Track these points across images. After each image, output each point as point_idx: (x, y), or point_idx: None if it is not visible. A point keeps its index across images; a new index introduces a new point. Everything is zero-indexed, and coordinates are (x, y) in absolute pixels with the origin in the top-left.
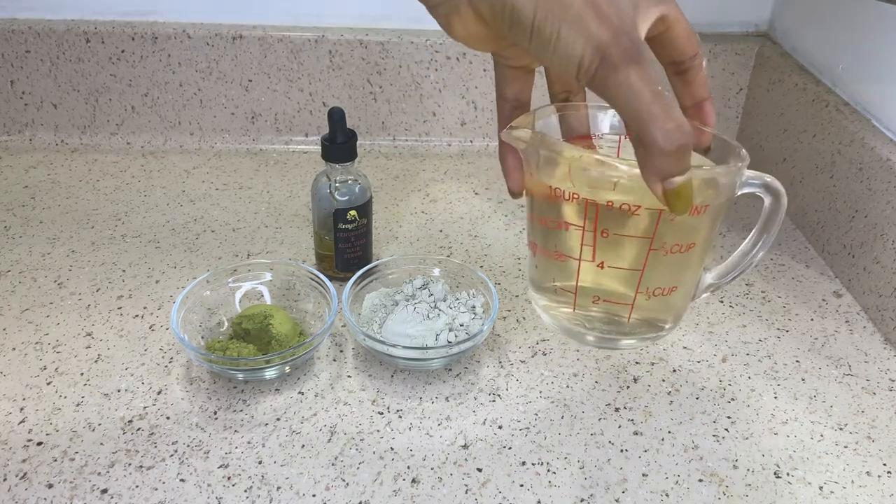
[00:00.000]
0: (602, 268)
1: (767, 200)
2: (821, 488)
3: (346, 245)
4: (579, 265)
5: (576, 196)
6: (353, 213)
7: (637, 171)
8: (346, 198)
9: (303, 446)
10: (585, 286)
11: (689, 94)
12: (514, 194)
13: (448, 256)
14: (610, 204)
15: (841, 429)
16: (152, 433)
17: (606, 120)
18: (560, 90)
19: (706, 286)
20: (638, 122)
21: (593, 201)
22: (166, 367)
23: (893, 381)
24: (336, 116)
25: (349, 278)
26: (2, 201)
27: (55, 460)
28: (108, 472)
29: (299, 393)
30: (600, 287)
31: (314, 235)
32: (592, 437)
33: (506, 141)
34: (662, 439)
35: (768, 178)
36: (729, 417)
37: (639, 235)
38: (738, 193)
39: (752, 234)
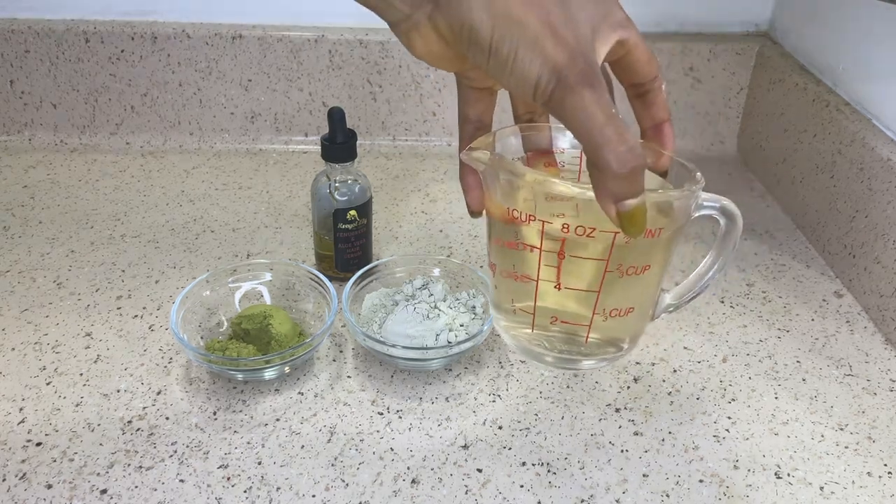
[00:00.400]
0: (559, 289)
1: (723, 222)
2: (821, 489)
3: (345, 245)
4: (537, 286)
5: (532, 218)
6: (352, 213)
7: (590, 191)
8: (346, 198)
9: (302, 447)
10: (543, 306)
11: (649, 115)
12: (474, 214)
13: (448, 256)
14: (566, 227)
15: (842, 429)
16: (152, 433)
17: (569, 137)
18: (524, 112)
19: (665, 306)
20: (591, 144)
21: (550, 223)
22: (166, 367)
23: (894, 381)
24: (336, 116)
25: (349, 278)
26: (1, 201)
27: (54, 461)
28: (107, 472)
29: (299, 393)
30: (558, 308)
31: (314, 235)
32: (593, 438)
33: (465, 162)
34: (663, 440)
35: (724, 201)
36: (729, 418)
37: (595, 258)
38: (695, 216)
39: (708, 255)
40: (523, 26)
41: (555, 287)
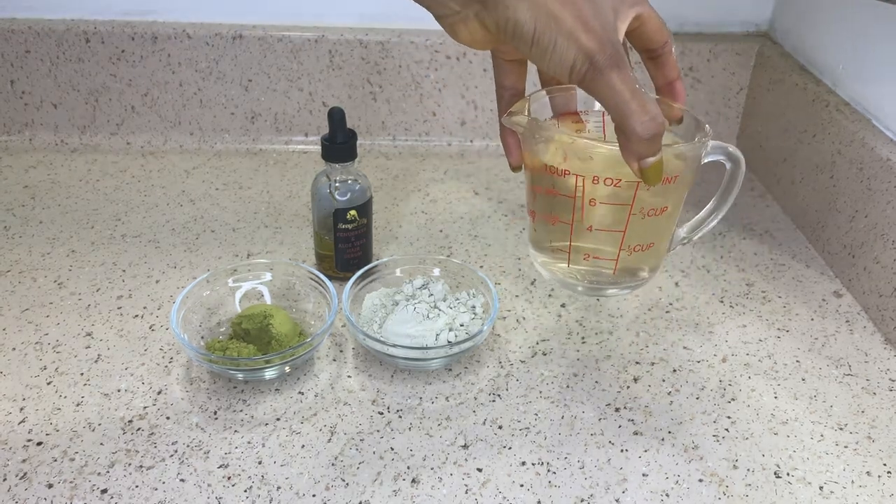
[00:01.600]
0: (591, 230)
1: (728, 165)
2: (821, 488)
3: (346, 245)
4: (572, 228)
5: (567, 171)
6: (353, 213)
7: (617, 150)
8: (346, 198)
9: (303, 446)
10: (577, 245)
11: (661, 75)
12: (514, 168)
13: (448, 256)
14: (596, 178)
15: (841, 429)
16: (152, 433)
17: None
18: (550, 81)
19: (679, 239)
20: (620, 115)
21: (582, 175)
22: (166, 367)
23: (894, 381)
24: (336, 116)
25: (349, 278)
26: (2, 201)
27: (55, 460)
28: (108, 472)
29: (299, 393)
30: (590, 246)
31: (314, 235)
32: (592, 437)
33: (506, 125)
34: (662, 439)
35: (730, 148)
36: (729, 417)
37: (621, 203)
38: (705, 161)
39: (716, 194)
40: (560, 21)
41: (587, 229)
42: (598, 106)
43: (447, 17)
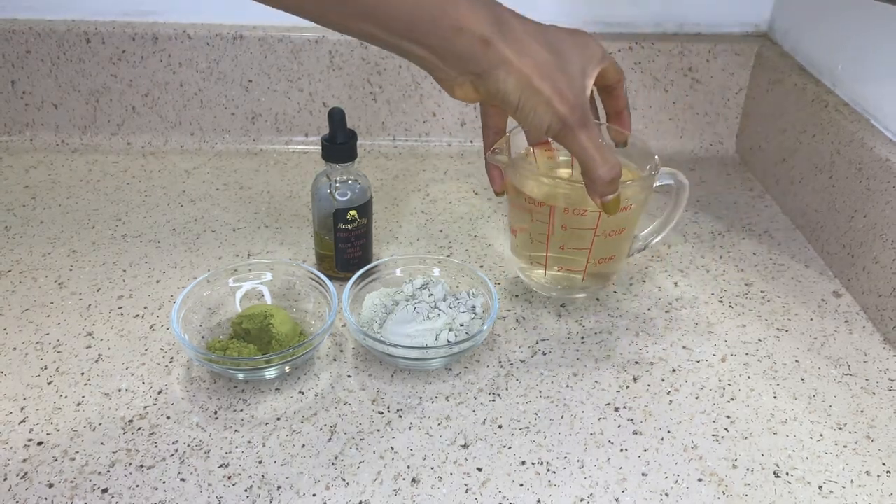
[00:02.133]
0: (563, 249)
1: (676, 188)
2: (820, 488)
3: (346, 245)
4: (547, 246)
5: (542, 203)
6: (353, 213)
7: (582, 187)
8: (346, 198)
9: (303, 446)
10: (552, 258)
11: (612, 105)
12: (498, 194)
13: (448, 256)
14: (566, 209)
15: (840, 428)
16: (153, 433)
17: None
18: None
19: (636, 248)
20: (586, 164)
21: (555, 205)
22: (167, 366)
23: (893, 380)
24: (336, 117)
25: (349, 278)
26: (2, 201)
27: (56, 460)
28: (108, 471)
29: (299, 393)
30: (562, 259)
31: (314, 235)
32: (592, 437)
33: (491, 162)
34: (662, 439)
35: (678, 175)
36: (728, 417)
37: (587, 227)
38: (657, 184)
39: (667, 210)
40: (540, 93)
41: (560, 247)
42: None
43: (446, 80)
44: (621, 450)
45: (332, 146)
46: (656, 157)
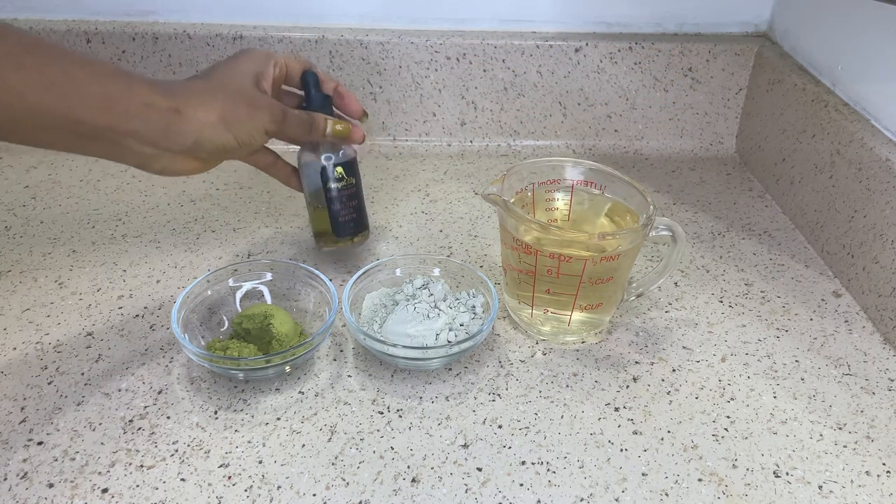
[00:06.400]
0: (549, 293)
1: (671, 238)
2: (820, 488)
3: (339, 206)
4: (533, 289)
5: (529, 248)
6: (339, 170)
7: (567, 234)
8: (331, 156)
9: (303, 446)
10: (539, 299)
11: (326, 89)
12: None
13: (448, 256)
14: (552, 254)
15: (840, 428)
16: (153, 433)
17: (576, 170)
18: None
19: (632, 296)
20: (300, 139)
21: (542, 251)
22: (167, 366)
23: (892, 380)
24: (310, 80)
25: (350, 245)
26: (3, 201)
27: (56, 460)
28: (108, 471)
29: (299, 392)
30: (549, 302)
31: (309, 213)
32: (592, 437)
33: (485, 200)
34: (662, 439)
35: (674, 226)
36: (728, 417)
37: (573, 274)
38: (653, 235)
39: (663, 259)
40: (242, 122)
41: (546, 291)
42: (568, 181)
43: (144, 165)
44: (621, 450)
45: (309, 109)
46: (652, 206)
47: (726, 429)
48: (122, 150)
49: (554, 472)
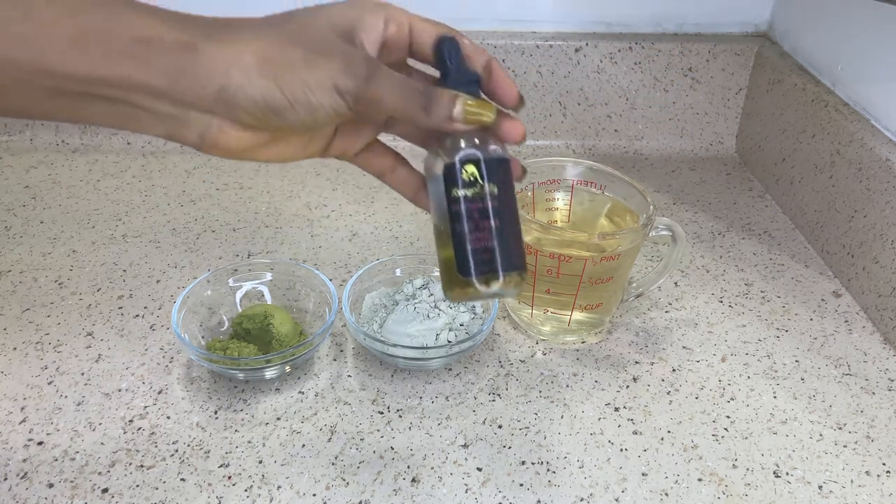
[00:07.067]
0: (549, 293)
1: (671, 238)
2: (820, 488)
3: (467, 226)
4: (534, 289)
5: (529, 247)
6: (471, 169)
7: (567, 234)
8: (463, 150)
9: (303, 446)
10: (538, 300)
11: (474, 64)
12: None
13: None
14: (552, 254)
15: (840, 428)
16: (153, 433)
17: (576, 170)
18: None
19: (631, 296)
20: (408, 115)
21: (542, 251)
22: (167, 366)
23: (893, 380)
24: (449, 49)
25: (486, 293)
26: (3, 201)
27: (56, 460)
28: (108, 471)
29: (299, 392)
30: (549, 302)
31: (435, 237)
32: (592, 437)
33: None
34: (662, 439)
35: (674, 226)
36: (728, 417)
37: (572, 274)
38: (653, 234)
39: (663, 259)
40: (292, 66)
41: (545, 291)
42: (568, 181)
43: (185, 128)
44: (621, 450)
45: (446, 81)
46: (652, 206)
47: (726, 429)
48: (129, 113)
49: (554, 472)
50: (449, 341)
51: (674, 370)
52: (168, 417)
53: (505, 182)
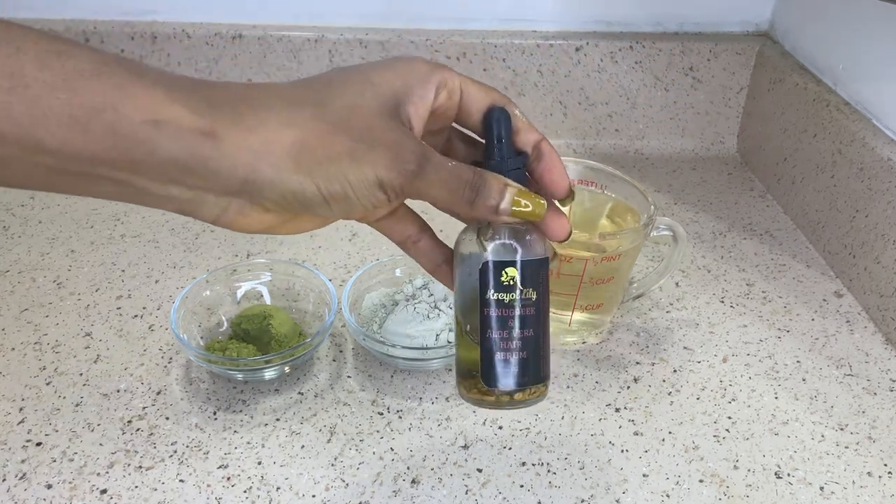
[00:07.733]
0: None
1: (672, 238)
2: (822, 489)
3: (497, 334)
4: None
5: None
6: (511, 272)
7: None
8: (504, 245)
9: (302, 447)
10: None
11: (521, 143)
12: None
13: None
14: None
15: (842, 429)
16: (152, 433)
17: (577, 170)
18: (401, 238)
19: (631, 296)
20: (456, 207)
21: None
22: (166, 367)
23: (894, 381)
24: (499, 121)
25: (507, 404)
26: (1, 201)
27: (54, 461)
28: (107, 472)
29: (299, 393)
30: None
31: (455, 328)
32: (593, 438)
33: None
34: (663, 440)
35: (675, 226)
36: (730, 418)
37: (573, 274)
38: (654, 234)
39: (664, 259)
40: (339, 159)
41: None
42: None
43: (194, 212)
44: (622, 451)
45: (491, 162)
46: (653, 206)
47: (727, 430)
48: (139, 193)
49: (554, 473)
50: (449, 342)
51: (675, 371)
52: (167, 418)
53: (543, 284)
